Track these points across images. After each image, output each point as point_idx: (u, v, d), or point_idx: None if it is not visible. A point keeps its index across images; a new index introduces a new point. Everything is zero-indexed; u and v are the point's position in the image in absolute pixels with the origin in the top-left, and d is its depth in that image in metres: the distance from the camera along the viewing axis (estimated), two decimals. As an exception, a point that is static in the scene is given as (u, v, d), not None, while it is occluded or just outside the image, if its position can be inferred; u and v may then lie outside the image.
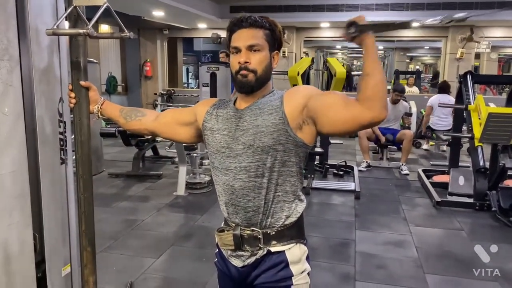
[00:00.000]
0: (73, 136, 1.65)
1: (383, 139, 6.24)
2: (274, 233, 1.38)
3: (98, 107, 1.59)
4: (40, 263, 1.61)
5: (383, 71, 1.24)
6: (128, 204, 4.59)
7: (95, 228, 1.66)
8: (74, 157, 1.66)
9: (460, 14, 1.20)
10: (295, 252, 1.39)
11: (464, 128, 5.66)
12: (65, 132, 1.67)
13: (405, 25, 1.25)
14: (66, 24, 1.54)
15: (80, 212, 1.61)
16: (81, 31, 1.39)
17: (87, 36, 1.41)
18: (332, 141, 6.35)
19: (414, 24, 1.22)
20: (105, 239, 3.55)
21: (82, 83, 1.53)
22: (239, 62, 1.34)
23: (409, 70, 17.12)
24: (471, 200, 4.55)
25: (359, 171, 6.01)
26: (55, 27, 1.41)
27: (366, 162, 6.25)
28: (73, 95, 1.54)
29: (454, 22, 1.21)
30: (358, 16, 1.25)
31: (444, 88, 7.20)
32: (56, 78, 1.62)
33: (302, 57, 9.50)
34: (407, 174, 5.94)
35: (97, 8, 1.44)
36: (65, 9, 1.52)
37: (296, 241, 1.40)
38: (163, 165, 6.32)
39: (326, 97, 1.31)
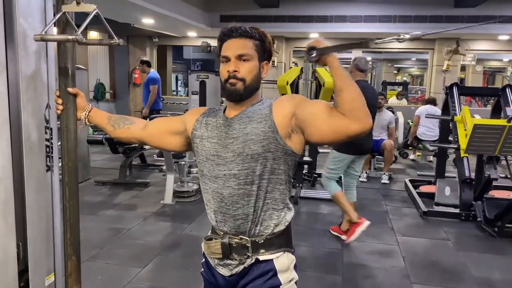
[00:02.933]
0: (59, 143, 1.63)
1: None
2: (262, 241, 1.37)
3: (85, 114, 1.57)
4: (23, 272, 1.57)
5: (354, 82, 1.26)
6: (115, 213, 4.53)
7: (80, 236, 1.64)
8: (60, 164, 1.64)
9: (416, 33, 1.27)
10: (283, 260, 1.39)
11: (450, 139, 5.73)
12: (52, 139, 1.64)
13: (363, 44, 1.30)
14: (54, 29, 1.53)
15: (65, 220, 1.58)
16: (70, 37, 1.38)
17: (76, 42, 1.40)
18: (320, 150, 6.37)
19: (371, 44, 1.28)
20: (91, 248, 3.49)
21: (70, 89, 1.51)
22: (228, 71, 1.35)
23: (397, 81, 17.35)
24: (457, 211, 4.59)
25: (361, 181, 6.07)
26: (43, 32, 1.39)
27: (366, 172, 6.29)
28: (60, 101, 1.52)
29: (410, 39, 1.27)
30: (315, 40, 1.30)
31: (432, 101, 7.35)
32: (43, 84, 1.60)
33: (291, 67, 9.56)
34: (386, 183, 6.00)
35: (85, 14, 1.43)
36: (54, 15, 1.51)
37: (284, 249, 1.40)
38: (151, 173, 6.27)
39: (314, 106, 1.32)
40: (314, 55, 1.28)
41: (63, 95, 1.53)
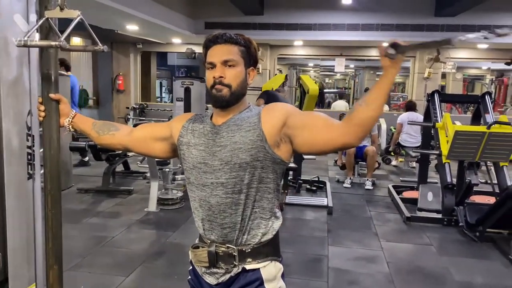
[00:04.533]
0: (41, 150, 1.60)
1: None
2: (249, 250, 1.37)
3: (69, 120, 1.55)
4: (3, 283, 1.54)
5: (383, 107, 1.22)
6: (98, 221, 4.46)
7: (63, 245, 1.61)
8: (42, 171, 1.61)
9: (502, 29, 1.14)
10: (270, 270, 1.39)
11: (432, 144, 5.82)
12: (33, 146, 1.62)
13: (445, 42, 1.15)
14: (37, 35, 1.51)
15: (47, 229, 1.55)
16: (53, 43, 1.36)
17: (59, 48, 1.38)
18: (305, 156, 6.40)
19: (455, 41, 1.13)
20: (73, 257, 3.43)
21: (52, 95, 1.49)
22: (214, 77, 1.34)
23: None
24: (439, 216, 4.66)
25: (345, 187, 6.11)
26: (26, 38, 1.37)
27: (350, 178, 6.33)
28: (42, 108, 1.50)
29: (495, 36, 1.14)
30: (394, 39, 1.20)
31: (411, 107, 7.46)
32: (25, 91, 1.57)
33: (276, 74, 9.61)
34: (369, 189, 6.06)
35: (68, 20, 1.42)
36: (37, 21, 1.49)
37: (271, 258, 1.40)
38: (134, 180, 6.20)
39: (305, 117, 1.32)
40: (394, 53, 1.18)
41: (45, 101, 1.51)
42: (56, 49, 1.45)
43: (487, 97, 4.97)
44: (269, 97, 5.50)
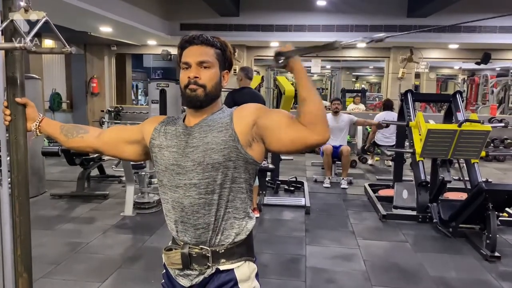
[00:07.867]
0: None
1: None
2: (223, 251, 1.36)
3: (36, 124, 1.52)
4: (-31, 293, 1.49)
5: (317, 92, 1.28)
6: (72, 226, 4.37)
7: (35, 252, 1.57)
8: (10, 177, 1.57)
9: (379, 35, 1.28)
10: (244, 270, 1.39)
11: (407, 143, 5.93)
12: (0, 151, 1.57)
13: (329, 46, 1.29)
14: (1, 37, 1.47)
15: (15, 236, 1.51)
16: (17, 45, 1.33)
17: (25, 50, 1.35)
18: (283, 157, 6.43)
19: (337, 46, 1.26)
20: (46, 264, 3.35)
21: (18, 99, 1.46)
22: (188, 77, 1.34)
23: (355, 88, 17.83)
24: (414, 213, 4.75)
25: (325, 187, 6.17)
26: (-12, 40, 1.34)
27: (329, 178, 6.38)
28: (8, 112, 1.46)
29: (374, 42, 1.28)
30: (284, 46, 1.30)
31: (388, 106, 7.58)
32: (-10, 94, 1.53)
33: (252, 75, 9.61)
34: (345, 188, 6.13)
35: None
36: (1, 22, 1.45)
37: (245, 258, 1.40)
38: (110, 184, 6.10)
39: (275, 116, 1.33)
40: (281, 60, 1.27)
41: (11, 105, 1.47)
42: (21, 51, 1.42)
43: (458, 96, 5.10)
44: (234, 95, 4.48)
